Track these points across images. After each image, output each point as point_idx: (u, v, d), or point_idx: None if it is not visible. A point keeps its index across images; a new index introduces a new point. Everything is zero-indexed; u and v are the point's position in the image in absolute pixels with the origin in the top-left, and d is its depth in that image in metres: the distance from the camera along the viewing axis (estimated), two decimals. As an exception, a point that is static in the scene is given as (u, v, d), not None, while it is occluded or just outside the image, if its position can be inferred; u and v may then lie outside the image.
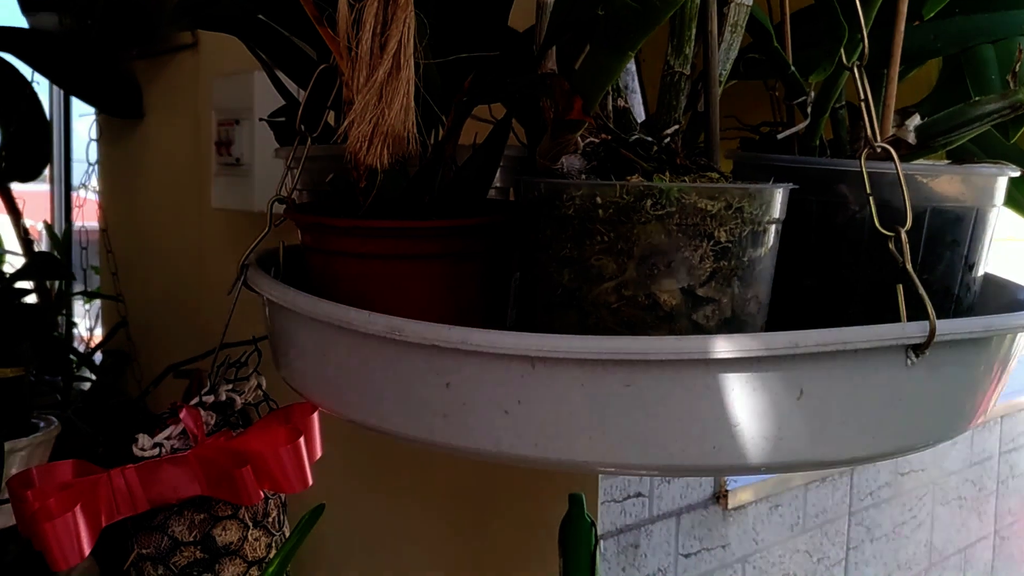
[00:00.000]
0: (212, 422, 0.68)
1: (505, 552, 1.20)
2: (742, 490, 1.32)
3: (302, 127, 0.66)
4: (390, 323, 0.54)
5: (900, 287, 0.55)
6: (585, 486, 1.07)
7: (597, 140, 0.57)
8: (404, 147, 0.53)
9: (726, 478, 1.30)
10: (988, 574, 2.07)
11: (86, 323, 2.19)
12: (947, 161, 0.76)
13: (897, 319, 0.54)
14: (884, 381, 0.53)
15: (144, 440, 0.64)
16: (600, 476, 1.14)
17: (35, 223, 2.22)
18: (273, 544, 0.69)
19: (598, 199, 0.52)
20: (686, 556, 1.25)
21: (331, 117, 0.69)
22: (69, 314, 2.09)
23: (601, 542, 1.14)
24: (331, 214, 0.64)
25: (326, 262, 0.64)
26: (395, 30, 0.48)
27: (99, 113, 1.98)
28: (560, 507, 0.99)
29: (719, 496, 1.29)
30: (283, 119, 0.79)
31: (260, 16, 0.66)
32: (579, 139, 0.57)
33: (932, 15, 0.68)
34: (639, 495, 1.18)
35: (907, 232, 0.56)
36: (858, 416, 0.53)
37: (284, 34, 0.65)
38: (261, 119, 1.33)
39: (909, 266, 0.55)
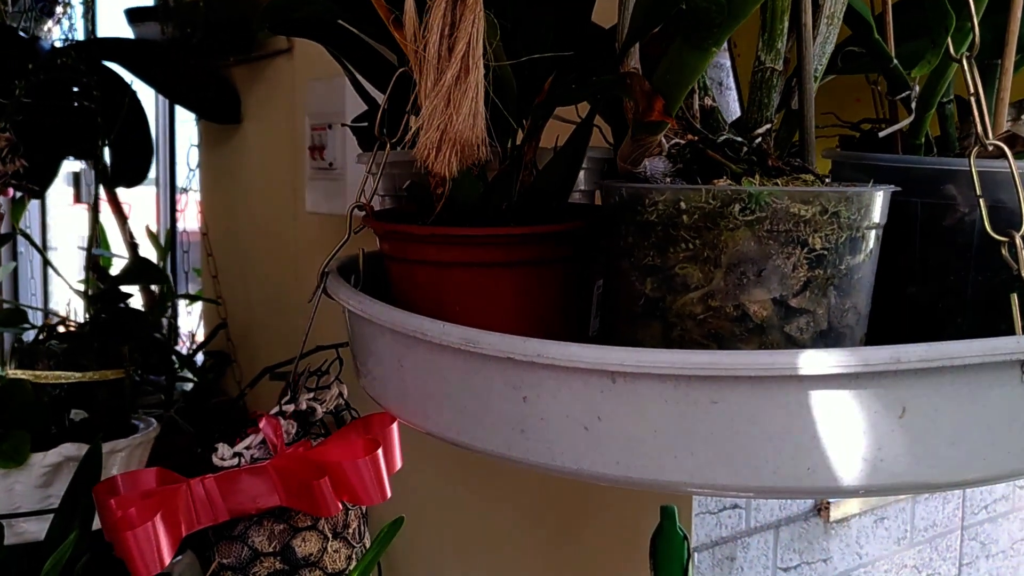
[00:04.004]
0: (293, 431, 0.68)
1: (596, 562, 1.18)
2: (845, 502, 1.26)
3: (383, 132, 0.64)
4: (465, 334, 0.52)
5: (1014, 296, 0.50)
6: (679, 497, 1.04)
7: (683, 141, 0.54)
8: (474, 154, 0.51)
9: (828, 489, 1.25)
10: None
11: (189, 324, 2.25)
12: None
13: (1012, 331, 0.50)
14: (997, 399, 0.48)
15: (224, 450, 0.64)
16: (693, 487, 1.10)
17: (147, 224, 2.29)
18: (353, 556, 0.68)
19: (682, 204, 0.49)
20: (785, 570, 1.20)
21: (413, 121, 0.67)
22: (174, 316, 2.14)
23: (695, 554, 1.10)
24: (409, 221, 0.62)
25: (404, 270, 0.63)
26: (463, 32, 0.46)
27: (199, 119, 2.03)
28: (653, 517, 0.96)
29: (820, 508, 1.24)
30: (365, 124, 0.78)
31: (340, 21, 0.65)
32: (663, 141, 0.54)
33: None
34: (735, 507, 1.14)
35: (1022, 237, 0.52)
36: (968, 437, 0.49)
37: (363, 38, 0.64)
38: (343, 124, 1.33)
39: (1024, 274, 0.50)
